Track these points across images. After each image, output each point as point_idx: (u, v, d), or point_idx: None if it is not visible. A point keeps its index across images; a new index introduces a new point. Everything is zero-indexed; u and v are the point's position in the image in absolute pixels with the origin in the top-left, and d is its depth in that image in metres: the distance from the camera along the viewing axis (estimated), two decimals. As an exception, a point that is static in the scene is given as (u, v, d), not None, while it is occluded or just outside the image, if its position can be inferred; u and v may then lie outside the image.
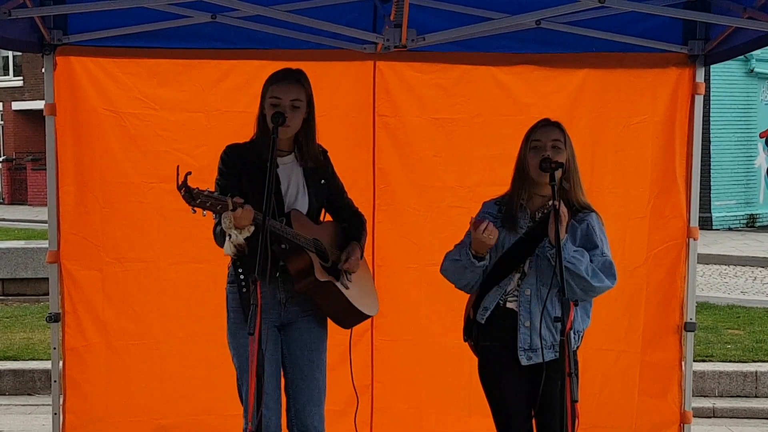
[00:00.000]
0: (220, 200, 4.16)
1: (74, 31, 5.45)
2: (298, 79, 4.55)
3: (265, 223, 4.15)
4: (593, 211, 4.53)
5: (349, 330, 4.83)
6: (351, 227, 4.85)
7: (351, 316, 4.73)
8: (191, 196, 4.06)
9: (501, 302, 4.44)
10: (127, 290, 5.69)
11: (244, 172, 4.52)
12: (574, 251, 4.34)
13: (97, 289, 5.64)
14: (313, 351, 4.66)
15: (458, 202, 5.70)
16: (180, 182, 4.03)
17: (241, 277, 4.50)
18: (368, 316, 4.82)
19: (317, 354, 4.68)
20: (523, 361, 4.36)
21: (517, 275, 4.43)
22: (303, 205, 4.62)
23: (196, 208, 4.11)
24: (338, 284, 4.59)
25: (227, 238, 4.32)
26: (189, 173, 4.04)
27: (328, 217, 4.89)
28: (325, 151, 4.77)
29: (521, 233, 4.43)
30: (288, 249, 4.40)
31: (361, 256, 4.79)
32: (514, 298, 4.42)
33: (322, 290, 4.54)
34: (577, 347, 4.52)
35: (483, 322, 4.45)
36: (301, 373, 4.63)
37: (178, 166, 4.05)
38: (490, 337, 4.47)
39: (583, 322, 4.51)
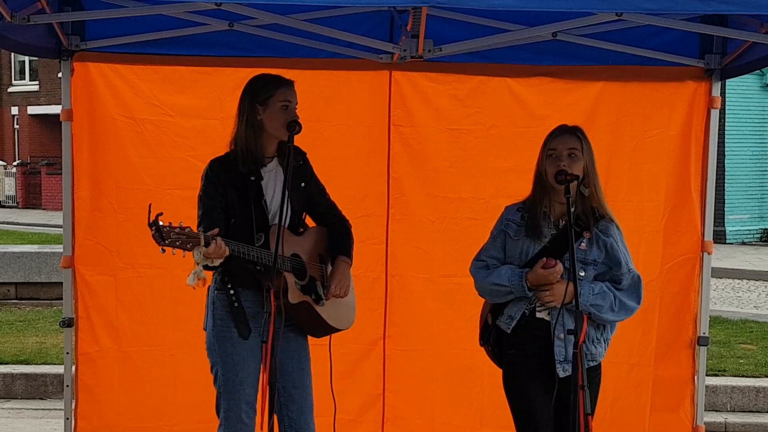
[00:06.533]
0: (192, 237, 4.14)
1: (92, 37, 5.47)
2: (293, 83, 4.60)
3: (280, 232, 4.18)
4: (613, 221, 4.48)
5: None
6: (336, 237, 4.79)
7: (324, 331, 4.72)
8: (161, 236, 4.04)
9: (527, 311, 4.40)
10: (140, 296, 5.70)
11: (230, 185, 4.52)
12: (594, 295, 4.32)
13: (110, 295, 5.65)
14: (302, 359, 4.66)
15: (473, 214, 5.69)
16: (151, 221, 4.00)
17: (231, 292, 4.51)
18: (340, 330, 4.80)
19: (305, 362, 4.68)
20: (560, 374, 4.30)
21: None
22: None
23: (165, 248, 4.08)
24: (314, 304, 4.58)
25: (195, 271, 4.29)
26: (160, 213, 4.02)
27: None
28: (303, 154, 4.72)
29: (545, 242, 4.41)
30: (263, 270, 4.38)
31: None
32: (544, 308, 4.37)
33: (296, 310, 4.53)
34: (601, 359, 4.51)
35: (509, 331, 4.41)
36: (292, 382, 4.62)
37: (150, 205, 4.02)
38: (516, 345, 4.43)
39: (612, 329, 4.52)
